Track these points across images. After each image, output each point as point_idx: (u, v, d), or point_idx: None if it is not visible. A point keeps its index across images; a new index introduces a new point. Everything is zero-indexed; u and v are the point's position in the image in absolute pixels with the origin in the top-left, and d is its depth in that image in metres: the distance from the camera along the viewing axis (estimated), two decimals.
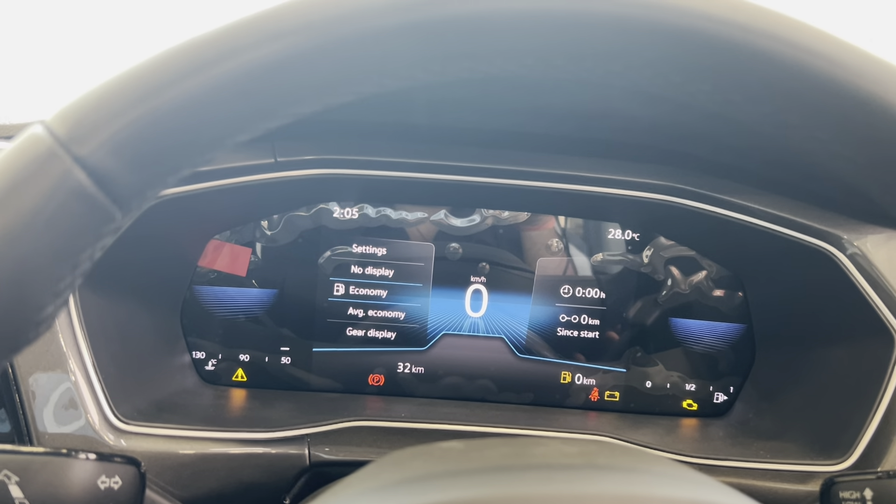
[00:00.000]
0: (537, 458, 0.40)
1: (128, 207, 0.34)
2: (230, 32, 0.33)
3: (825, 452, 0.82)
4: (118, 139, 0.32)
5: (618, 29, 0.34)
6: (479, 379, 0.99)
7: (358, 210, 0.95)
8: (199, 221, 0.91)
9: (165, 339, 0.93)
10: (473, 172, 0.87)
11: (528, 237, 0.97)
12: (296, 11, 0.33)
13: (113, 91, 0.33)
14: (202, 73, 0.32)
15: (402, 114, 0.84)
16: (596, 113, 0.82)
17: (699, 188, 0.87)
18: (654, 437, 0.89)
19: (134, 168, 0.33)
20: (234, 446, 0.78)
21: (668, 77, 0.36)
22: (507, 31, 0.34)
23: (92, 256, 0.35)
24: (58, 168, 0.31)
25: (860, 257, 0.80)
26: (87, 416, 0.73)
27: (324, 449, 0.80)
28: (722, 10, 0.33)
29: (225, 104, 0.33)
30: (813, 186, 0.84)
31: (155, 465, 0.75)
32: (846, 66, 0.33)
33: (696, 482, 0.39)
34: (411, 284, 0.97)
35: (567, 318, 0.98)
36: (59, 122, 0.32)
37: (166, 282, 0.92)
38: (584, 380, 0.99)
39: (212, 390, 0.95)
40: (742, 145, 0.82)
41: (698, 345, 0.98)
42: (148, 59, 0.33)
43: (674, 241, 0.97)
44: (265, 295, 0.96)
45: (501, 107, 0.82)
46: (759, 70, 0.34)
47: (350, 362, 0.98)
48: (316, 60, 0.33)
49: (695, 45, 0.34)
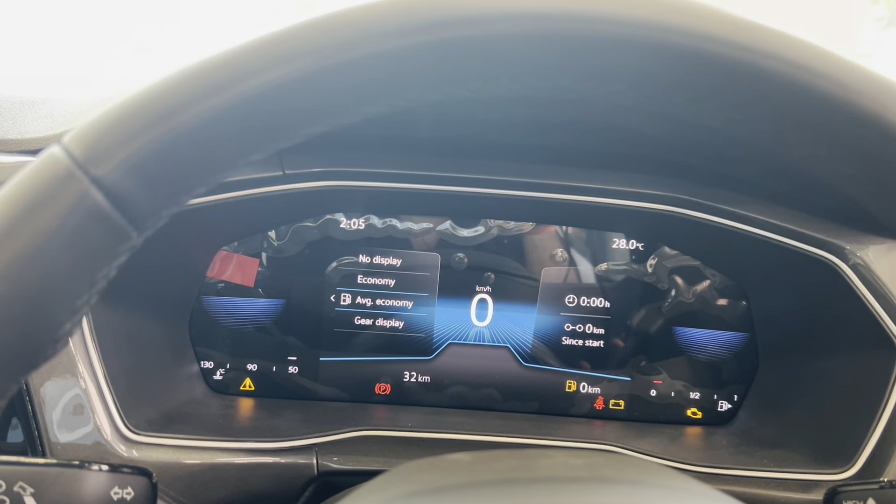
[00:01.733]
0: (543, 471, 0.41)
1: (143, 227, 0.35)
2: (243, 54, 0.34)
3: (828, 461, 0.82)
4: (134, 161, 0.33)
5: (622, 50, 0.34)
6: (484, 388, 1.00)
7: (364, 221, 0.96)
8: (207, 233, 0.92)
9: (174, 350, 0.94)
10: (478, 184, 0.88)
11: (533, 247, 0.98)
12: (306, 35, 0.34)
13: (128, 113, 0.33)
14: (216, 96, 0.33)
15: (408, 127, 0.85)
16: (599, 126, 0.83)
17: (703, 199, 0.87)
18: (659, 445, 0.89)
19: (149, 188, 0.34)
20: (243, 456, 0.79)
21: (670, 96, 0.36)
22: (510, 53, 0.35)
23: (108, 275, 0.36)
24: (75, 189, 0.32)
25: (863, 267, 0.81)
26: (99, 426, 0.74)
27: (332, 458, 0.81)
28: (723, 31, 0.34)
29: (238, 125, 0.34)
30: (816, 197, 0.84)
31: (165, 475, 0.76)
32: (844, 84, 0.34)
33: (701, 494, 0.39)
34: (417, 294, 0.98)
35: (572, 326, 0.99)
36: (77, 144, 0.33)
37: (175, 293, 0.93)
38: (588, 388, 1.00)
39: (220, 400, 0.96)
40: (745, 157, 0.82)
41: (702, 353, 0.99)
42: (162, 80, 0.34)
43: (678, 251, 0.97)
44: (273, 305, 0.97)
45: (505, 121, 0.83)
46: (759, 89, 0.34)
47: (357, 371, 0.99)
48: (327, 83, 0.34)
49: (696, 65, 0.34)
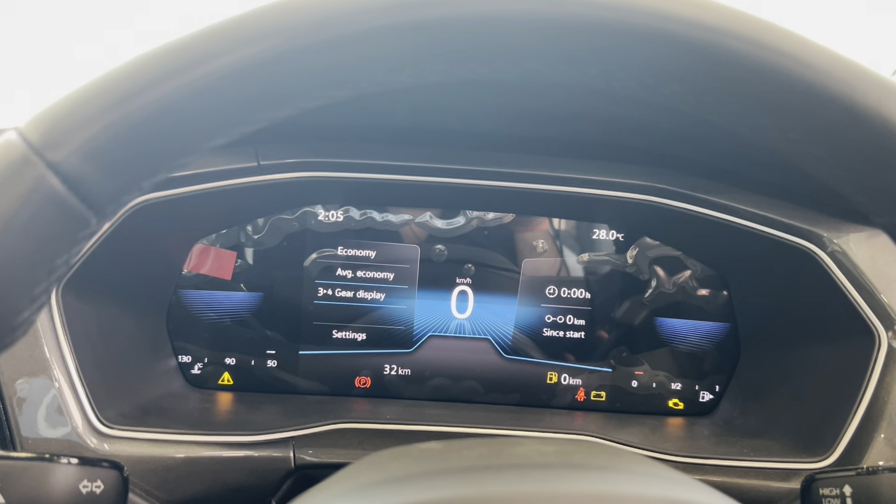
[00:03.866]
0: (514, 458, 0.41)
1: (103, 212, 0.35)
2: (202, 38, 0.33)
3: (808, 450, 0.82)
4: (91, 145, 0.32)
5: (592, 33, 0.34)
6: (465, 380, 0.99)
7: (343, 213, 0.95)
8: (183, 225, 0.91)
9: (151, 344, 0.93)
10: (458, 174, 0.88)
11: (513, 238, 0.97)
12: (266, 18, 0.33)
13: (85, 97, 0.33)
14: (174, 79, 0.33)
15: (386, 117, 0.84)
16: (578, 115, 0.82)
17: (683, 188, 0.87)
18: (640, 436, 0.89)
19: (108, 173, 0.33)
20: (220, 449, 0.78)
21: (641, 79, 0.36)
22: (477, 36, 0.34)
23: (68, 261, 0.35)
24: (31, 174, 0.32)
25: (841, 255, 0.81)
26: (71, 420, 0.73)
27: (308, 451, 0.80)
28: (692, 13, 0.34)
29: (199, 109, 0.34)
30: (795, 186, 0.85)
31: (140, 469, 0.75)
32: (814, 66, 0.33)
33: (670, 480, 0.39)
34: (397, 286, 0.97)
35: (553, 318, 0.98)
36: (33, 129, 0.32)
37: (151, 286, 0.92)
38: (570, 380, 1.00)
39: (198, 394, 0.95)
40: (724, 146, 0.82)
41: (684, 344, 0.99)
42: (120, 65, 0.34)
43: (658, 242, 0.97)
44: (251, 298, 0.97)
45: (484, 110, 0.83)
46: (729, 71, 0.34)
47: (336, 365, 0.99)
48: (288, 65, 0.34)
49: (666, 47, 0.34)
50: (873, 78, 0.34)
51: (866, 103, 0.33)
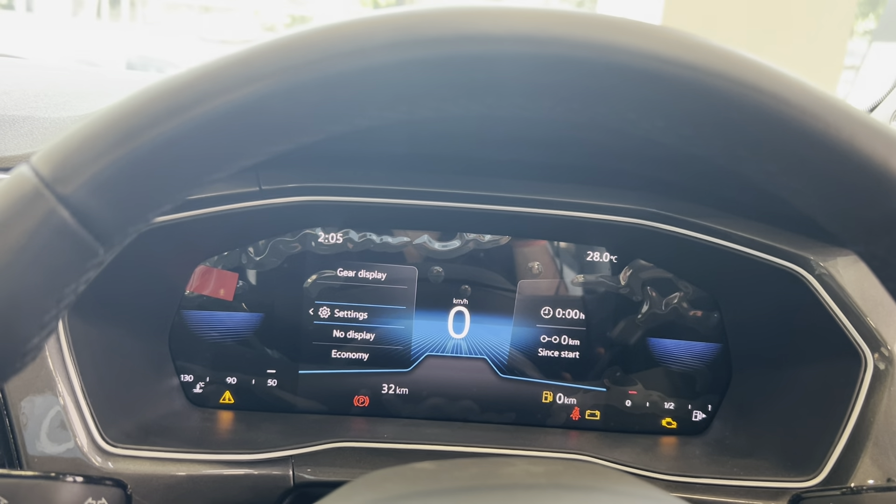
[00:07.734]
0: (504, 479, 0.42)
1: (110, 243, 0.36)
2: (206, 75, 0.35)
3: (797, 469, 0.83)
4: (99, 179, 0.34)
5: (575, 71, 0.36)
6: (462, 399, 1.01)
7: (342, 235, 0.97)
8: (186, 248, 0.93)
9: (154, 363, 0.95)
10: (455, 198, 0.90)
11: (509, 260, 0.99)
12: (267, 56, 0.35)
13: (94, 133, 0.34)
14: (179, 116, 0.34)
15: (384, 143, 0.86)
16: (572, 141, 0.84)
17: (675, 213, 0.89)
18: (632, 455, 0.90)
19: (115, 206, 0.35)
20: (220, 468, 0.80)
21: (624, 115, 0.38)
22: (467, 75, 0.36)
23: (76, 290, 0.37)
24: (42, 207, 0.33)
25: (828, 277, 0.83)
26: (76, 439, 0.75)
27: (307, 470, 0.81)
28: (672, 52, 0.35)
29: (202, 144, 0.35)
30: (784, 211, 0.86)
31: (142, 487, 0.76)
32: (790, 102, 0.35)
33: (654, 499, 0.41)
34: (395, 307, 0.99)
35: (548, 338, 1.00)
36: (44, 163, 0.34)
37: (154, 307, 0.94)
38: (565, 399, 1.01)
39: (199, 413, 0.97)
40: (714, 172, 0.84)
41: (676, 364, 1.00)
42: (128, 100, 0.35)
43: (652, 264, 0.99)
44: (252, 319, 0.98)
45: (480, 137, 0.85)
46: (709, 106, 0.36)
47: (335, 384, 1.00)
48: (289, 102, 0.35)
49: (648, 85, 0.36)
50: (847, 112, 0.35)
51: (840, 137, 0.35)
